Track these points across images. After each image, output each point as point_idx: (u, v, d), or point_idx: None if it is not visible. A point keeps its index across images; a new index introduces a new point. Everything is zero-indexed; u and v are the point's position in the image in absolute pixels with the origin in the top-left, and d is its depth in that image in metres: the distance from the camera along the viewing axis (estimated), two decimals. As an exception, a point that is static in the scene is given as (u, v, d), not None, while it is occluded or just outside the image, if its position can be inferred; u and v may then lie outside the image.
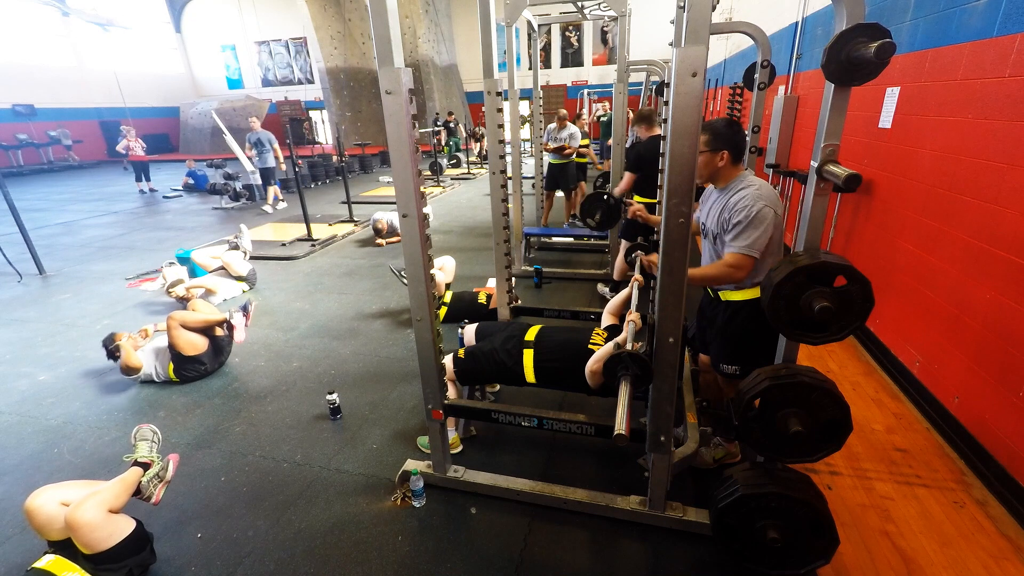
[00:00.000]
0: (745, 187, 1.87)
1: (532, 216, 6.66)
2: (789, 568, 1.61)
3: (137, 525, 1.79)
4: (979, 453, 2.20)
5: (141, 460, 1.93)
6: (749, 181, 1.89)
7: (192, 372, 3.15)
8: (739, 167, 1.95)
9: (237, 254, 5.00)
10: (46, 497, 1.69)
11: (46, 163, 16.91)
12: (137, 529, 1.78)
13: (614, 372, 1.63)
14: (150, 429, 2.07)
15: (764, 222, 1.79)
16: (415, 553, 1.89)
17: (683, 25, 1.27)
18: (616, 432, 1.45)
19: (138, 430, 2.06)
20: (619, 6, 3.84)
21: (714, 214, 1.97)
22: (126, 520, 1.77)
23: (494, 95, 2.60)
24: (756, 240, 1.80)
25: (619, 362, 1.62)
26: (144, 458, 1.94)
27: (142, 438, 2.03)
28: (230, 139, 9.18)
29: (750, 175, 1.93)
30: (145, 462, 1.93)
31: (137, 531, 1.78)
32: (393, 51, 1.50)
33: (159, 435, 2.09)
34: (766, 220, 1.79)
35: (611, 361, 1.63)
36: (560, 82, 21.25)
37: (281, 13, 21.68)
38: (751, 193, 1.82)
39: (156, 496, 1.91)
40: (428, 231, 1.78)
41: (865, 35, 1.17)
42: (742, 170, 1.95)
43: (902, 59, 2.94)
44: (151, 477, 1.91)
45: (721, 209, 1.92)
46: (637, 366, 1.60)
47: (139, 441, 2.01)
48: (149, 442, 2.02)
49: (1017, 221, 2.03)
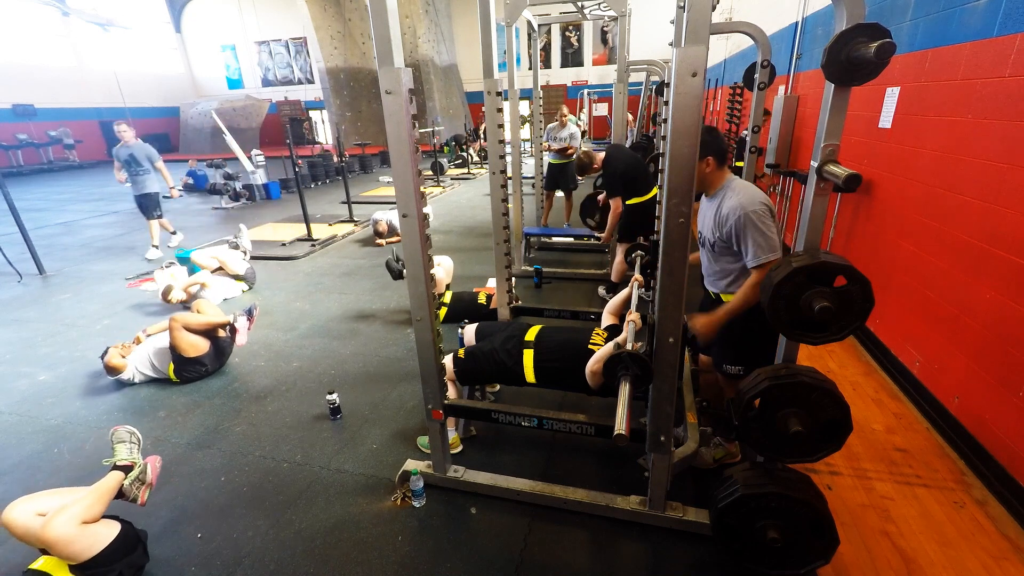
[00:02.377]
0: (732, 196, 1.90)
1: (532, 216, 6.66)
2: (789, 568, 1.61)
3: (123, 528, 1.75)
4: (979, 453, 2.20)
5: (121, 463, 1.89)
6: (733, 188, 1.93)
7: (192, 373, 3.15)
8: (724, 171, 1.99)
9: (236, 253, 5.00)
10: (20, 510, 1.65)
11: (46, 163, 16.92)
12: (124, 531, 1.74)
13: (614, 372, 1.63)
14: (127, 431, 2.01)
15: (763, 223, 1.82)
16: (415, 553, 1.89)
17: (683, 25, 1.27)
18: (616, 432, 1.45)
19: (114, 432, 1.99)
20: (619, 6, 3.85)
21: (709, 222, 2.02)
22: (107, 526, 1.72)
23: (494, 95, 2.60)
24: (766, 244, 1.82)
25: (619, 362, 1.62)
26: (124, 461, 1.90)
27: (119, 440, 1.97)
28: (230, 139, 9.18)
29: (735, 180, 1.97)
30: (125, 465, 1.89)
31: (124, 533, 1.74)
32: (393, 51, 1.50)
33: (138, 435, 2.02)
34: (764, 219, 1.82)
35: (611, 361, 1.63)
36: (560, 82, 21.25)
37: (281, 13, 21.69)
38: (737, 203, 1.86)
39: (141, 498, 1.89)
40: (428, 231, 1.78)
41: (865, 35, 1.17)
42: (728, 174, 1.99)
43: (902, 59, 2.94)
44: (133, 480, 1.87)
45: (715, 217, 1.96)
46: (637, 366, 1.60)
47: (116, 444, 1.96)
48: (127, 444, 1.97)
49: (1017, 221, 2.03)
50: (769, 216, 1.85)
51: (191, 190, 11.12)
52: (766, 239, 1.82)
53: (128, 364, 3.10)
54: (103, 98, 20.02)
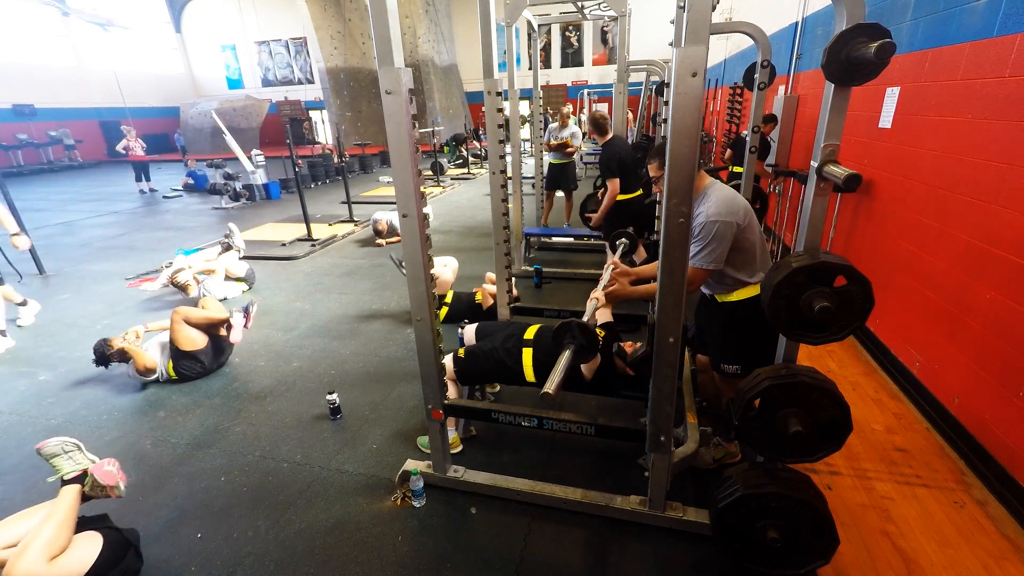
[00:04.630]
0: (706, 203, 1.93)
1: (532, 216, 6.66)
2: (789, 568, 1.61)
3: (108, 537, 1.67)
4: (979, 453, 2.20)
5: (69, 477, 1.71)
6: (709, 195, 1.95)
7: (189, 369, 3.14)
8: (703, 176, 2.02)
9: (232, 255, 5.00)
10: None
11: (46, 163, 16.92)
12: (109, 541, 1.66)
13: (560, 340, 1.65)
14: (55, 443, 1.78)
15: (711, 236, 1.87)
16: (415, 553, 1.89)
17: (683, 25, 1.27)
18: (543, 391, 1.47)
19: (40, 450, 1.76)
20: (619, 6, 3.85)
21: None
22: (84, 545, 1.60)
23: (494, 95, 2.60)
24: (711, 253, 1.88)
25: (567, 331, 1.64)
26: (71, 473, 1.72)
27: (52, 455, 1.75)
28: (230, 139, 9.18)
29: (713, 186, 1.98)
30: (76, 475, 1.72)
31: (109, 543, 1.65)
32: (393, 51, 1.50)
33: (71, 441, 1.81)
34: (715, 234, 1.87)
35: (560, 328, 1.65)
36: (560, 82, 21.26)
37: (281, 13, 21.69)
38: (704, 212, 1.90)
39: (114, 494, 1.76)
40: (428, 231, 1.78)
41: (865, 35, 1.17)
42: (707, 179, 2.01)
43: (902, 59, 2.94)
44: (92, 487, 1.71)
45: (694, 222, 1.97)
46: (584, 337, 1.62)
47: (51, 460, 1.75)
48: (63, 456, 1.76)
49: (1017, 221, 2.03)
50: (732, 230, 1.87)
51: (191, 190, 11.13)
52: (713, 250, 1.87)
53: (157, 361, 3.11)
54: (103, 98, 20.03)
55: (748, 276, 1.99)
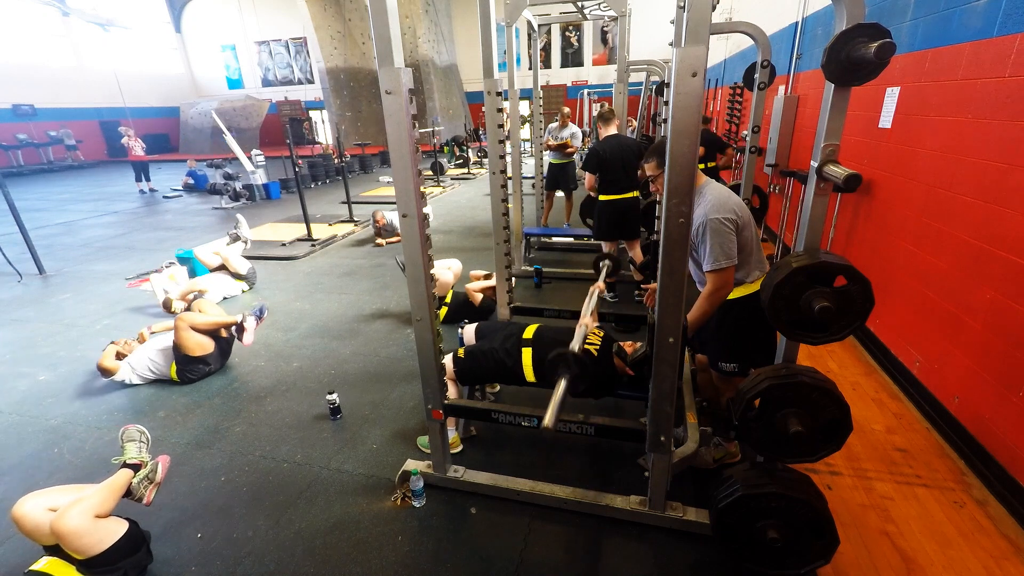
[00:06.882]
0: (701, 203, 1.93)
1: (532, 216, 6.66)
2: (789, 568, 1.61)
3: (130, 526, 1.77)
4: (979, 453, 2.20)
5: (130, 462, 1.90)
6: (704, 193, 1.95)
7: (195, 373, 3.15)
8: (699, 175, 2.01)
9: (238, 247, 4.98)
10: (31, 505, 1.67)
11: (46, 163, 16.92)
12: (130, 530, 1.76)
13: (555, 368, 1.67)
14: (137, 429, 2.03)
15: (718, 233, 1.87)
16: (415, 553, 1.89)
17: (683, 25, 1.27)
18: (543, 424, 1.51)
19: (124, 431, 2.01)
20: (619, 6, 3.85)
21: None
22: (117, 523, 1.75)
23: (494, 95, 2.60)
24: (720, 251, 1.88)
25: (562, 360, 1.66)
26: (133, 459, 1.92)
27: (129, 439, 1.99)
28: (230, 139, 9.18)
29: (708, 185, 1.99)
30: (135, 463, 1.91)
31: (130, 532, 1.76)
32: (393, 51, 1.50)
33: (147, 435, 2.05)
34: (716, 232, 1.87)
35: (555, 358, 1.67)
36: (560, 82, 21.25)
37: (281, 13, 21.68)
38: (699, 214, 1.91)
39: (147, 497, 1.90)
40: (428, 231, 1.78)
41: (865, 35, 1.17)
42: (702, 178, 2.01)
43: (902, 59, 2.93)
44: (141, 479, 1.89)
45: None
46: (577, 367, 1.64)
47: (127, 442, 1.98)
48: (137, 443, 1.99)
49: (1017, 221, 2.03)
50: (732, 226, 1.88)
51: (191, 190, 11.14)
52: (722, 247, 1.87)
53: (122, 366, 3.09)
54: (103, 98, 20.01)
55: (744, 275, 2.00)
